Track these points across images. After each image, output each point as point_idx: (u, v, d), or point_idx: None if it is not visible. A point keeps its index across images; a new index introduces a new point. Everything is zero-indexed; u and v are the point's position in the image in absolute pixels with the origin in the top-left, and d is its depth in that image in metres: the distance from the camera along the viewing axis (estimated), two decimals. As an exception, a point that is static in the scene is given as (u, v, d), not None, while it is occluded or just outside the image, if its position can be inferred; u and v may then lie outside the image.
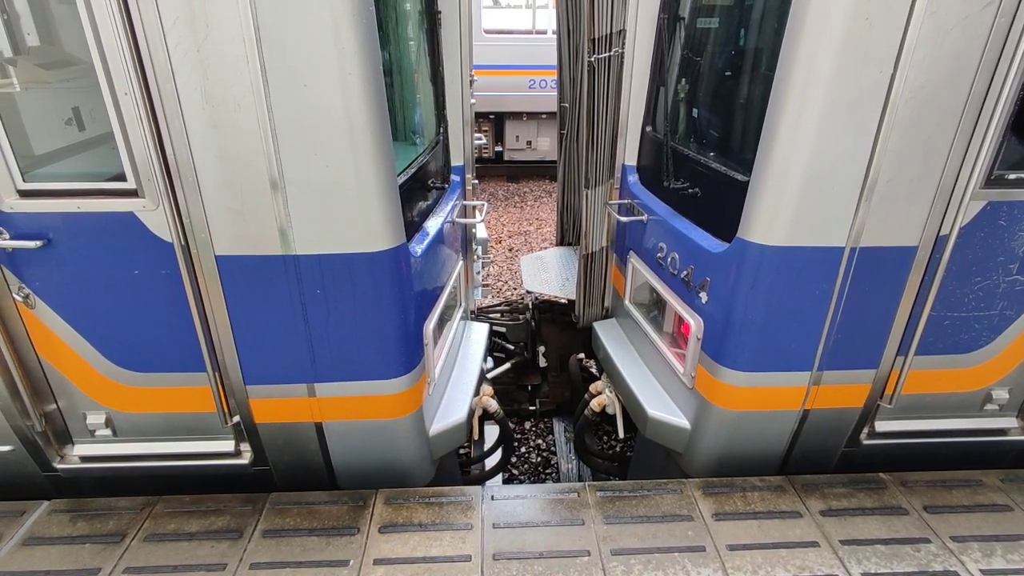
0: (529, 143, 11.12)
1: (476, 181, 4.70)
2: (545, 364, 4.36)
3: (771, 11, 2.42)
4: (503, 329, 4.37)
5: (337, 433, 2.46)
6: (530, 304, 4.59)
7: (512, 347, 4.48)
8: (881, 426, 2.65)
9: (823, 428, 2.63)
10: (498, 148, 11.27)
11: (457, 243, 3.19)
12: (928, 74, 1.90)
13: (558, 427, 4.95)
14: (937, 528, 2.40)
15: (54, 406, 2.38)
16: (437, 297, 2.69)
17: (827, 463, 2.79)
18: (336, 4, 1.74)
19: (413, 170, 2.49)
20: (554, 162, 11.15)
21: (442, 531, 2.35)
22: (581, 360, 4.73)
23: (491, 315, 4.49)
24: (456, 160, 3.29)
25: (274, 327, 2.19)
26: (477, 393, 3.20)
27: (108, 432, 2.43)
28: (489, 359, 4.66)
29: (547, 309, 4.37)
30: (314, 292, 2.13)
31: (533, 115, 10.81)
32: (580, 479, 4.37)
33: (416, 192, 2.55)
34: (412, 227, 2.44)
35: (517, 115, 10.82)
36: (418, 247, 2.39)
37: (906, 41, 1.85)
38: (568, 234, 4.74)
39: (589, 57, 3.05)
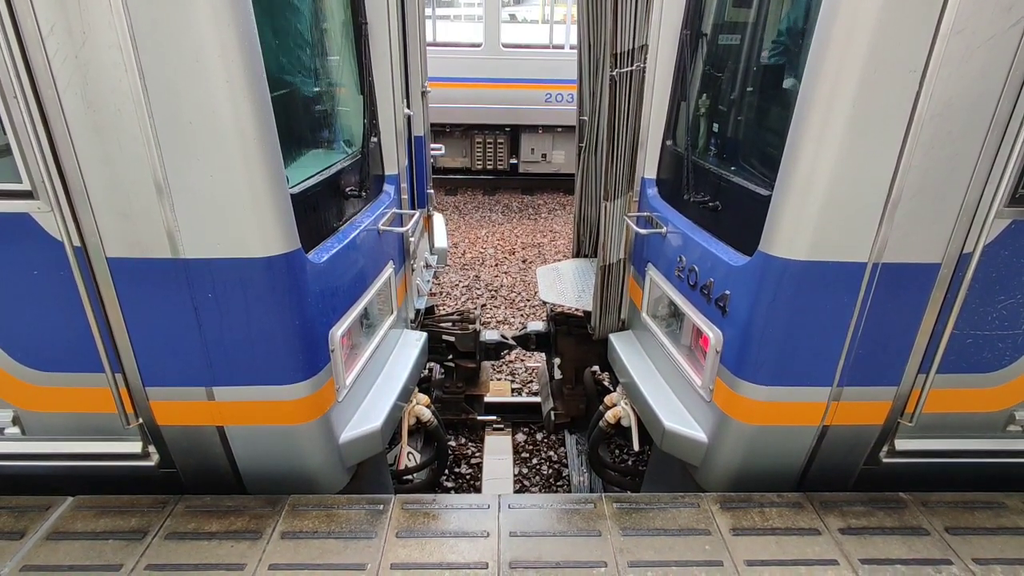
0: (544, 156, 11.19)
1: (431, 191, 4.70)
2: (560, 376, 4.36)
3: (794, 28, 2.45)
4: (451, 338, 4.36)
5: (240, 437, 2.46)
6: (546, 315, 4.60)
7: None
8: (901, 444, 2.62)
9: (842, 445, 2.60)
10: (513, 160, 11.36)
11: (386, 251, 3.17)
12: (954, 92, 1.91)
13: (570, 440, 4.94)
14: (959, 550, 2.37)
15: None
16: (350, 304, 2.66)
17: (846, 481, 2.77)
18: (206, 13, 1.76)
19: (321, 177, 2.50)
20: (568, 175, 11.27)
21: (459, 538, 2.36)
22: (595, 373, 4.72)
23: (441, 324, 4.49)
24: (390, 170, 3.29)
25: (169, 330, 2.19)
26: (407, 401, 3.15)
27: (17, 431, 2.42)
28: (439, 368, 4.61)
29: (563, 321, 4.37)
30: (205, 296, 2.13)
31: (548, 128, 10.88)
32: (591, 491, 4.35)
33: (326, 199, 2.55)
34: (318, 233, 2.46)
35: (532, 128, 10.90)
36: (324, 254, 2.40)
37: (932, 58, 1.86)
38: (584, 246, 4.76)
39: (611, 71, 3.10)
